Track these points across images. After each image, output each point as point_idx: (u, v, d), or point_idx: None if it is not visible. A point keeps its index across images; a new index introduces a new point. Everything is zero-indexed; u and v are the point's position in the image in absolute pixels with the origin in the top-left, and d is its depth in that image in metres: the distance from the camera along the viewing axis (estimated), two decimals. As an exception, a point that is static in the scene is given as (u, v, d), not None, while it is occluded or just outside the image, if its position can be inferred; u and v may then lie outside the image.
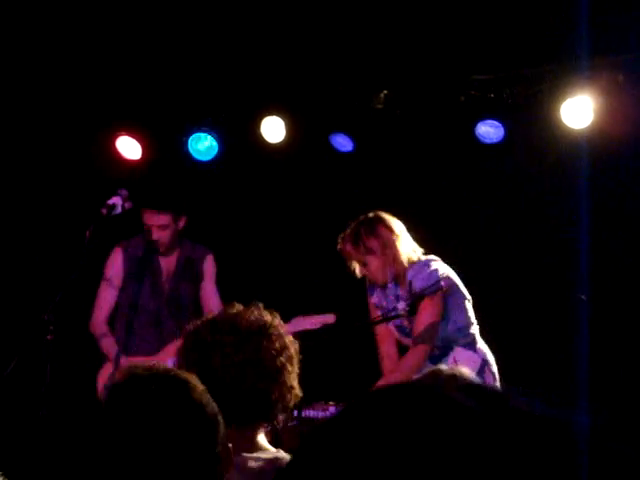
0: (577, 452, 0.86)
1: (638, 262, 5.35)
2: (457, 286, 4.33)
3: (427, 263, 4.31)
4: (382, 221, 4.34)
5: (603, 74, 5.13)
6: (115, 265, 4.92)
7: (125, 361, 4.69)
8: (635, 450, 0.88)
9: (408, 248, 4.35)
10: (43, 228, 6.00)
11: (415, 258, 4.34)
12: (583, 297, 4.85)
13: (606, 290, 5.25)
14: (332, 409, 4.37)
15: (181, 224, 4.84)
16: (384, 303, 4.44)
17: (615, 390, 4.96)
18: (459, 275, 4.36)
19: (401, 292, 4.37)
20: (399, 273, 4.33)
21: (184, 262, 4.98)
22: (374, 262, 4.31)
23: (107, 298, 4.92)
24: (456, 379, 0.95)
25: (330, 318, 4.15)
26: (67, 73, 5.76)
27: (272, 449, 2.36)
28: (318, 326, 4.15)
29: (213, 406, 1.80)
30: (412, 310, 4.21)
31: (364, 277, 4.48)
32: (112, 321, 4.95)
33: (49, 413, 4.16)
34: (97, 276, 4.97)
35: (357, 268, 4.40)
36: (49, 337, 3.98)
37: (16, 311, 5.70)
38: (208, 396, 1.81)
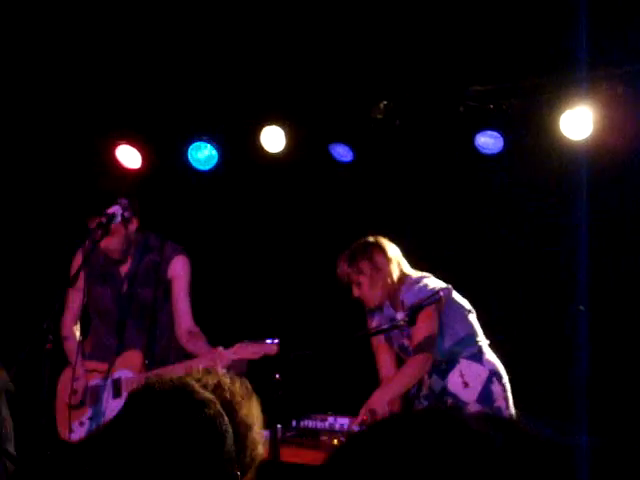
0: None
1: (637, 273, 5.36)
2: (453, 299, 4.35)
3: (417, 280, 4.36)
4: (376, 244, 4.45)
5: (603, 85, 5.14)
6: (75, 268, 4.76)
7: (82, 366, 4.68)
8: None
9: (400, 271, 4.42)
10: (43, 237, 6.00)
11: (404, 277, 4.38)
12: (582, 308, 4.86)
13: (605, 301, 5.25)
14: (331, 419, 4.36)
15: (132, 227, 4.65)
16: (384, 326, 4.46)
17: (614, 399, 4.96)
18: (458, 286, 4.36)
19: (397, 315, 4.41)
20: (392, 295, 4.39)
21: (146, 264, 4.76)
22: (365, 283, 4.39)
23: (71, 300, 4.83)
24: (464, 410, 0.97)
25: (272, 348, 4.13)
26: (68, 82, 5.77)
27: None
28: (258, 356, 4.13)
29: (222, 421, 1.80)
30: (411, 320, 4.21)
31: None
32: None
33: (49, 422, 4.16)
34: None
35: (353, 290, 4.47)
36: (48, 346, 3.97)
37: (16, 320, 5.69)
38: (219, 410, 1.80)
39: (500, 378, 4.38)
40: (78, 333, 4.87)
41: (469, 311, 4.41)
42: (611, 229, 5.43)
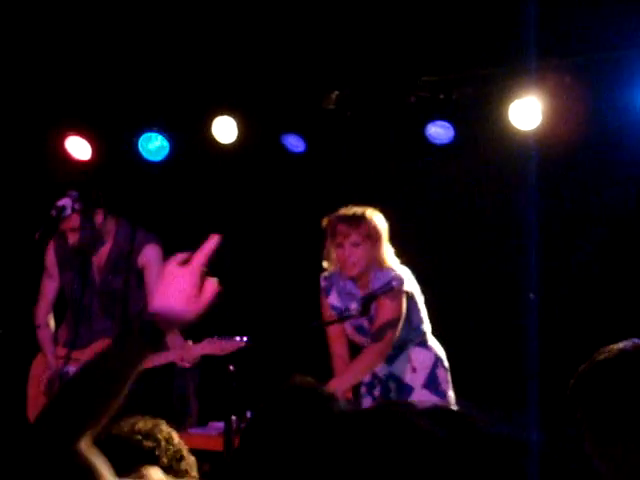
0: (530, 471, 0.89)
1: (586, 262, 5.44)
2: (415, 287, 4.38)
3: (391, 269, 4.33)
4: (377, 215, 4.38)
5: (551, 76, 5.20)
6: (49, 256, 4.82)
7: (53, 353, 4.67)
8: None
9: (389, 253, 4.38)
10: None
11: (389, 264, 4.35)
12: (532, 296, 4.93)
13: (555, 289, 5.33)
14: (285, 410, 4.37)
15: (99, 219, 4.62)
16: (338, 304, 4.46)
17: (564, 386, 5.03)
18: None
19: (358, 291, 4.39)
20: (366, 271, 4.35)
21: (116, 252, 4.73)
22: (365, 248, 4.29)
23: (46, 289, 4.82)
24: (414, 406, 0.97)
25: (241, 345, 4.09)
26: (16, 72, 5.69)
27: None
28: (227, 352, 4.09)
29: None
30: (364, 310, 4.23)
31: (317, 278, 4.49)
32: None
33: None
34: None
35: (340, 251, 4.33)
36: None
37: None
38: None
39: (443, 362, 4.46)
40: (52, 322, 4.84)
41: (419, 297, 4.44)
42: (561, 218, 5.51)
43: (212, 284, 1.82)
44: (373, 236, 4.30)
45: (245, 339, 4.08)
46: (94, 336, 4.70)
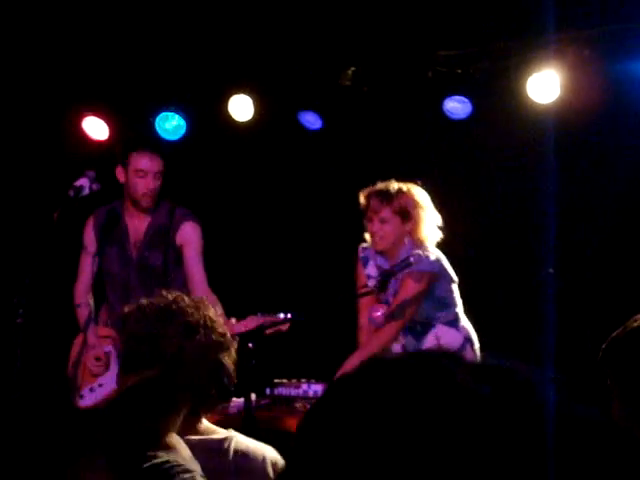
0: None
1: (604, 237, 5.41)
2: (446, 270, 4.37)
3: (422, 247, 4.30)
4: (414, 191, 4.35)
5: (569, 49, 5.15)
6: (87, 233, 4.79)
7: (94, 333, 4.66)
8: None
9: (430, 229, 4.35)
10: (10, 211, 5.95)
11: (422, 241, 4.32)
12: (551, 271, 4.90)
13: (573, 265, 5.30)
14: (304, 387, 4.39)
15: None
16: (375, 274, 4.45)
17: (581, 363, 5.02)
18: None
19: (387, 266, 4.39)
20: (395, 246, 4.33)
21: (155, 228, 4.70)
22: (394, 224, 4.29)
23: (84, 267, 4.77)
24: (461, 361, 0.95)
25: (284, 326, 4.05)
26: (33, 54, 5.69)
27: (222, 431, 2.42)
28: (269, 333, 4.05)
29: None
30: (381, 286, 4.24)
31: (335, 253, 4.51)
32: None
33: (21, 397, 4.15)
34: (66, 258, 4.93)
35: (370, 225, 4.34)
36: (19, 320, 3.95)
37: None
38: None
39: (472, 344, 4.45)
40: (92, 300, 4.81)
41: (454, 281, 4.43)
42: (579, 192, 5.47)
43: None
44: (404, 213, 4.29)
45: (289, 316, 4.05)
46: None
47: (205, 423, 2.43)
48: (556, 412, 0.88)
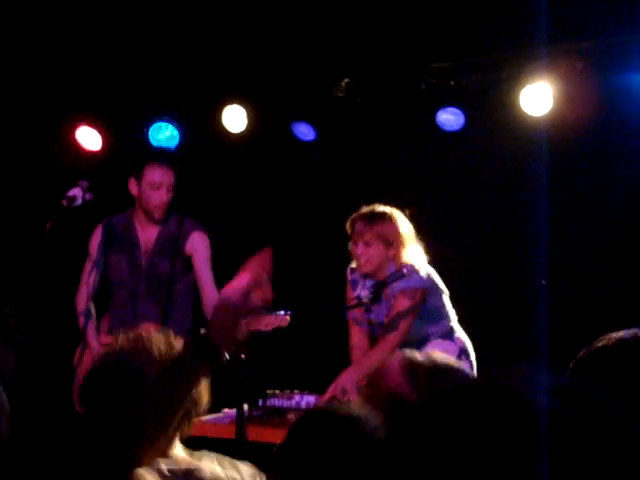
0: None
1: (597, 248, 5.42)
2: (436, 284, 4.38)
3: (411, 266, 4.30)
4: (400, 217, 4.37)
5: (562, 61, 5.17)
6: (94, 241, 4.82)
7: (98, 341, 4.66)
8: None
9: (412, 255, 4.36)
10: (3, 220, 5.93)
11: (408, 262, 4.32)
12: (544, 282, 4.91)
13: (566, 276, 5.31)
14: (297, 398, 4.38)
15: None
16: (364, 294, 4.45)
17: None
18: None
19: (362, 292, 4.40)
20: (380, 270, 4.34)
21: (165, 237, 4.77)
22: (375, 247, 4.31)
23: (88, 275, 4.81)
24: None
25: (285, 320, 4.09)
26: (26, 64, 5.70)
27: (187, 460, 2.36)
28: (270, 328, 4.09)
29: None
30: (375, 297, 4.25)
31: (342, 270, 4.50)
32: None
33: (15, 409, 4.13)
34: (59, 267, 4.92)
35: (355, 248, 4.36)
36: (11, 330, 3.94)
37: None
38: None
39: (468, 355, 4.45)
40: (93, 309, 4.83)
41: (445, 294, 4.44)
42: (571, 204, 5.48)
43: (266, 292, 1.75)
44: (387, 238, 4.30)
45: (289, 313, 4.07)
46: (138, 320, 4.70)
47: (177, 448, 2.37)
48: (553, 422, 0.89)
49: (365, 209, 4.39)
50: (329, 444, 1.61)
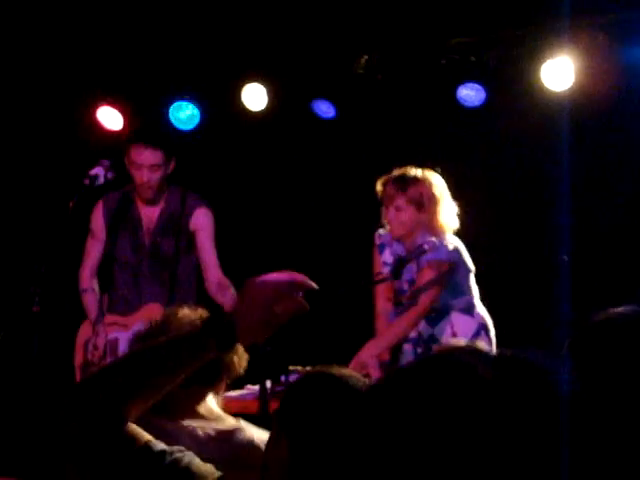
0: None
1: (619, 223, 5.39)
2: (464, 259, 4.37)
3: (439, 235, 4.29)
4: (431, 179, 4.34)
5: (583, 35, 5.12)
6: (96, 218, 4.80)
7: (100, 319, 4.66)
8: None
9: (447, 217, 4.35)
10: (26, 200, 5.98)
11: (440, 229, 4.31)
12: (565, 258, 4.89)
13: (588, 251, 5.29)
14: (319, 374, 4.39)
15: (171, 167, 4.65)
16: (391, 262, 4.46)
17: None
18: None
19: (404, 253, 4.39)
20: (412, 234, 4.33)
21: (167, 215, 4.73)
22: (408, 213, 4.29)
23: (91, 252, 4.81)
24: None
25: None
26: (46, 44, 5.72)
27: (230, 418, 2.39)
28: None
29: None
30: (395, 274, 4.25)
31: (351, 241, 4.51)
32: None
33: (38, 385, 4.18)
34: (81, 246, 4.95)
35: (386, 212, 4.35)
36: (35, 309, 3.98)
37: (1, 284, 5.69)
38: None
39: (488, 331, 4.45)
40: (97, 286, 4.83)
41: (471, 271, 4.44)
42: (594, 178, 5.45)
43: (300, 302, 1.70)
44: (420, 200, 4.28)
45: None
46: (142, 301, 4.71)
47: (209, 405, 2.41)
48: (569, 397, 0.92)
49: (397, 172, 4.36)
50: (322, 400, 1.67)
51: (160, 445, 1.62)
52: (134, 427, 1.62)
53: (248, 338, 1.68)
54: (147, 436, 1.62)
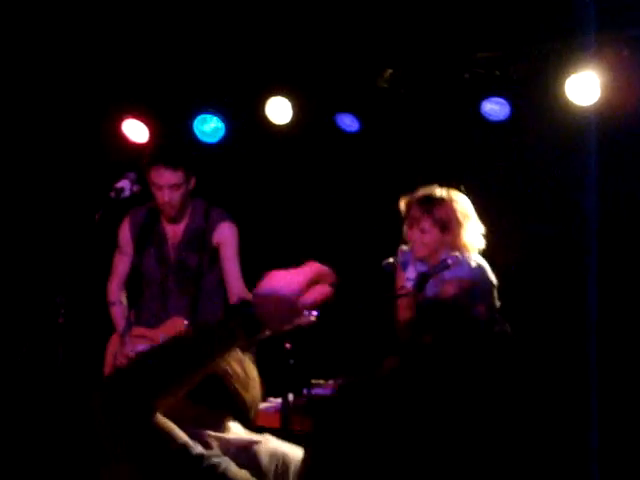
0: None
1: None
2: (487, 277, 4.35)
3: (464, 258, 4.28)
4: (457, 199, 4.33)
5: (609, 49, 5.11)
6: (123, 233, 4.87)
7: (127, 331, 4.70)
8: None
9: (472, 237, 4.34)
10: (53, 212, 6.02)
11: (463, 248, 4.29)
12: (591, 274, 4.86)
13: (613, 269, 5.26)
14: (341, 388, 4.39)
15: (192, 183, 4.68)
16: (413, 277, 4.45)
17: (623, 378, 4.97)
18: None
19: (407, 283, 4.41)
20: (435, 254, 4.32)
21: (192, 230, 4.77)
22: (432, 234, 4.29)
23: (119, 266, 4.88)
24: None
25: (310, 320, 4.06)
26: (72, 57, 5.77)
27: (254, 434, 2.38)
28: (294, 326, 4.04)
29: None
30: (419, 288, 4.24)
31: (370, 256, 4.50)
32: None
33: (63, 396, 4.20)
34: (107, 258, 4.99)
35: (410, 232, 4.35)
36: (60, 320, 4.01)
37: (27, 295, 5.73)
38: None
39: None
40: (125, 299, 4.89)
41: (492, 284, 4.42)
42: (620, 193, 5.42)
43: (325, 288, 1.71)
44: (445, 222, 4.27)
45: (315, 313, 4.07)
46: (168, 314, 4.75)
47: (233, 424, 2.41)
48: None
49: (422, 191, 4.35)
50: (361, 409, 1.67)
51: (198, 448, 1.62)
52: (172, 426, 1.63)
53: (273, 325, 1.70)
54: (185, 437, 1.63)
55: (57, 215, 5.99)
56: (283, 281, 1.68)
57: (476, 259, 4.33)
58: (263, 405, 4.54)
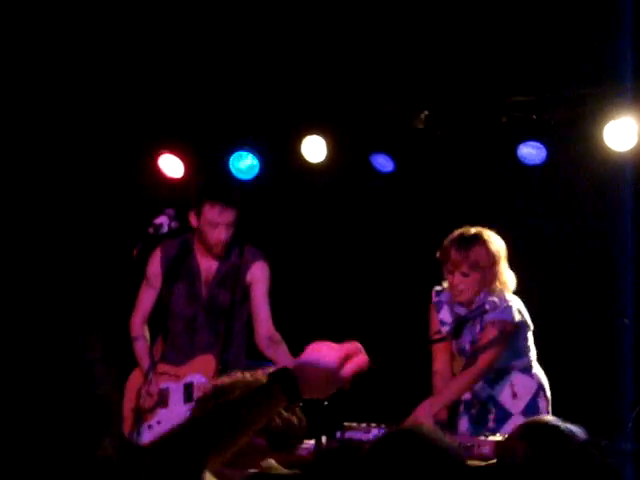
0: None
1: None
2: (525, 319, 4.35)
3: (500, 296, 4.29)
4: (491, 237, 4.34)
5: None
6: (153, 265, 4.81)
7: (150, 366, 4.64)
8: None
9: (507, 277, 4.35)
10: (90, 247, 6.03)
11: (500, 289, 4.31)
12: (627, 321, 4.83)
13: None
14: (375, 431, 4.36)
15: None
16: (449, 320, 4.43)
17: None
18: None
19: (443, 328, 4.39)
20: (475, 295, 4.32)
21: (226, 268, 4.76)
22: (473, 276, 4.28)
23: (144, 299, 4.81)
24: None
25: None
26: (109, 92, 5.82)
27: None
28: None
29: None
30: (455, 333, 4.23)
31: (424, 293, 4.49)
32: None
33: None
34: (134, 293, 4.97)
35: (450, 277, 4.34)
36: (97, 356, 4.00)
37: (64, 331, 5.73)
38: None
39: (546, 392, 4.42)
40: (147, 333, 4.84)
41: (530, 329, 4.41)
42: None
43: (362, 359, 1.83)
44: (483, 263, 4.28)
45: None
46: (196, 351, 4.72)
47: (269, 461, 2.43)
48: None
49: (455, 233, 4.35)
50: (409, 462, 1.75)
51: None
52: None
53: (313, 394, 1.81)
54: None
55: (95, 250, 6.00)
56: (324, 353, 1.80)
57: (514, 301, 4.33)
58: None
